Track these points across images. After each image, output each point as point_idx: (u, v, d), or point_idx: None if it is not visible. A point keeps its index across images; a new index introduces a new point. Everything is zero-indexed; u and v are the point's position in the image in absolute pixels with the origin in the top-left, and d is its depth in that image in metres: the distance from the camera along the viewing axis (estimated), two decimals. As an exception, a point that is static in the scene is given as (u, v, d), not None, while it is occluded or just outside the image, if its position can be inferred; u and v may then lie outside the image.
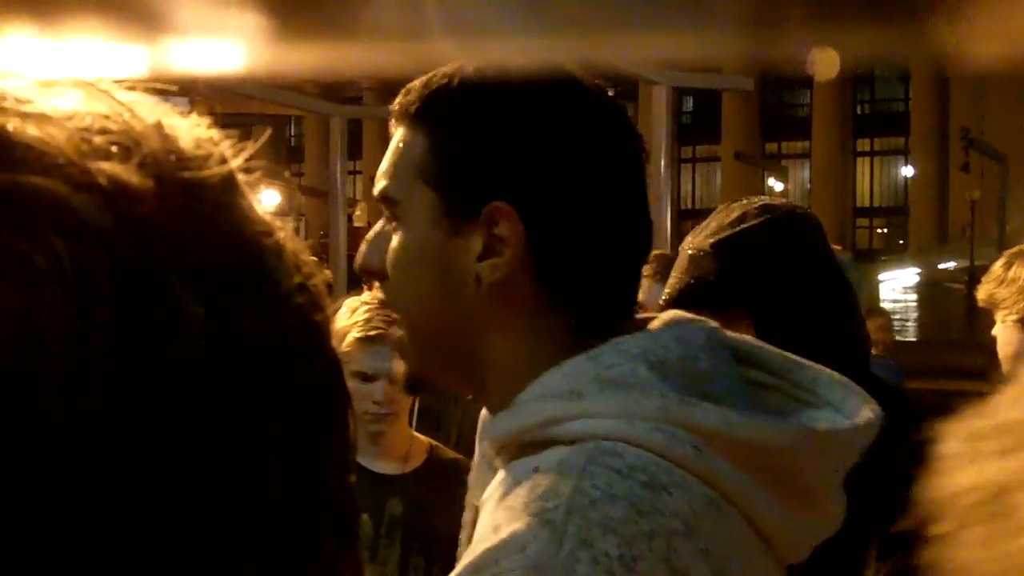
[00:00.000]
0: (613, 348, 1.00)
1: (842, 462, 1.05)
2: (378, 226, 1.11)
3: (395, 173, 1.08)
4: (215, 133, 0.45)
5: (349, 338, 2.52)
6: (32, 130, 0.39)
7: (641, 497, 0.93)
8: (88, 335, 0.37)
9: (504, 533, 0.92)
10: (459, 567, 0.94)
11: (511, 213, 1.02)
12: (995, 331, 2.51)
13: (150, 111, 0.43)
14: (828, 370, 1.10)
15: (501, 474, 1.01)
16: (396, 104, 1.09)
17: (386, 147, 1.10)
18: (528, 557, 0.89)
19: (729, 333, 1.10)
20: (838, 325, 1.88)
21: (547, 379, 1.01)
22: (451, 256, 1.05)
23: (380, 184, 1.09)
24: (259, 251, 0.43)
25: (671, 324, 1.06)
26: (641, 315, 1.11)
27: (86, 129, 0.40)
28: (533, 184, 1.03)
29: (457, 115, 1.05)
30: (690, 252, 1.84)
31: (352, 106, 21.54)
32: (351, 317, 2.53)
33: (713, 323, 1.09)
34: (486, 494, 1.01)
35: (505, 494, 0.97)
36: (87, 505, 0.36)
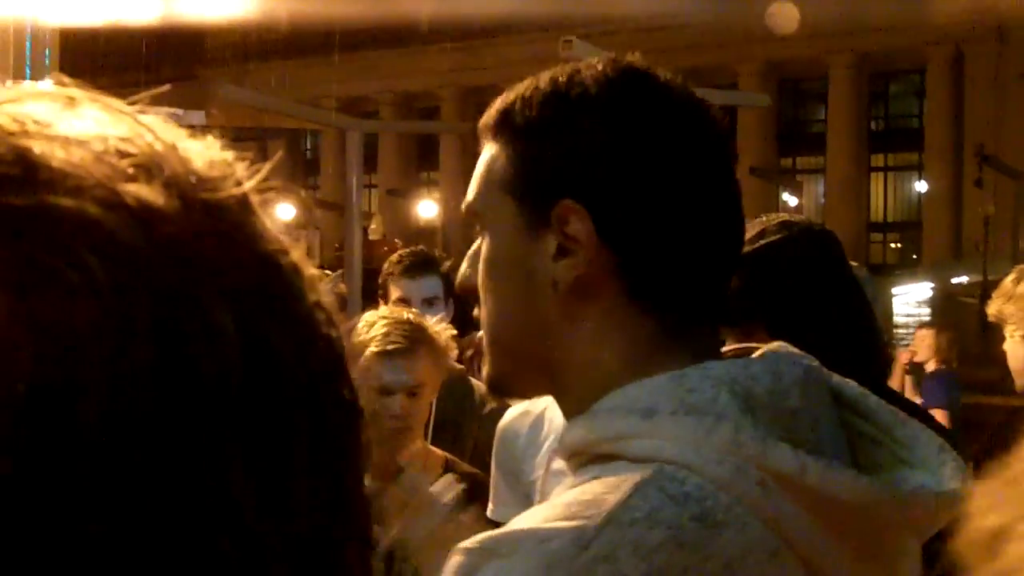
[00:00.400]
0: (700, 371, 0.98)
1: (925, 528, 1.00)
2: (476, 244, 1.13)
3: (478, 186, 1.10)
4: (227, 154, 0.46)
5: (367, 352, 2.53)
6: (59, 152, 0.39)
7: (686, 529, 0.89)
8: (126, 349, 0.37)
9: (538, 522, 0.91)
10: (486, 533, 0.93)
11: (580, 210, 1.02)
12: (1005, 346, 2.53)
13: (166, 132, 0.44)
14: (930, 431, 1.05)
15: (568, 480, 1.01)
16: (480, 122, 1.12)
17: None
18: (546, 551, 0.88)
19: (837, 377, 1.07)
20: (856, 340, 1.89)
21: (627, 392, 0.99)
22: (530, 260, 1.05)
23: (467, 199, 1.11)
24: (279, 269, 0.44)
25: (769, 355, 1.04)
26: (746, 344, 1.09)
27: (110, 151, 0.41)
28: (599, 181, 1.02)
29: (527, 122, 1.06)
30: (708, 267, 1.86)
31: (368, 120, 21.60)
32: (369, 331, 2.54)
33: (815, 361, 1.06)
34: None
35: (560, 494, 0.97)
36: (124, 512, 0.37)
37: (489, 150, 1.10)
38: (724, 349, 1.09)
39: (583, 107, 1.04)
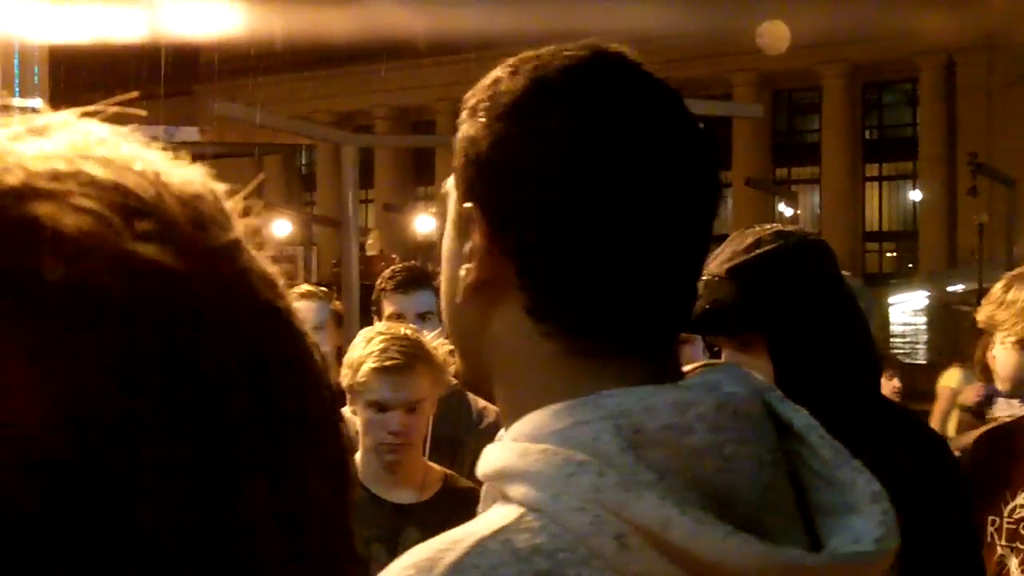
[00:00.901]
0: (592, 402, 0.86)
1: None
2: None
3: (453, 167, 0.99)
4: (216, 184, 0.45)
5: (365, 368, 2.53)
6: (69, 219, 0.39)
7: None
8: (142, 411, 0.38)
9: None
10: None
11: (478, 218, 0.92)
12: (994, 351, 2.54)
13: (163, 172, 0.43)
14: (868, 475, 0.91)
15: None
16: None
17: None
18: None
19: (788, 405, 0.93)
20: (852, 348, 1.90)
21: (523, 423, 0.89)
22: (455, 257, 0.96)
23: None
24: (279, 314, 0.43)
25: (685, 383, 0.90)
26: (700, 363, 0.96)
27: (112, 205, 0.40)
28: (498, 188, 0.92)
29: (469, 107, 0.96)
30: (705, 278, 1.87)
31: (363, 135, 21.61)
32: (367, 347, 2.55)
33: (754, 386, 0.92)
34: None
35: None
36: (147, 550, 0.37)
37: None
38: (687, 368, 0.96)
39: (502, 100, 0.92)
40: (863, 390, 1.94)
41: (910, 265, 40.57)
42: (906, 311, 30.74)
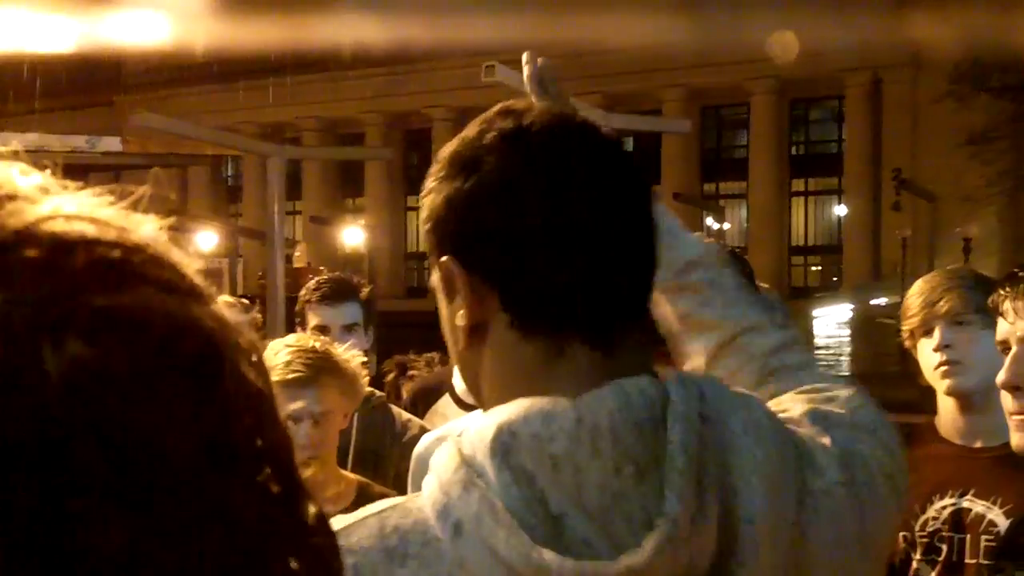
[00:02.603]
0: (500, 408, 0.99)
1: None
2: None
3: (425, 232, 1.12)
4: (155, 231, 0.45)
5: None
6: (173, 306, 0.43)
7: (368, 563, 0.95)
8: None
9: None
10: None
11: (455, 265, 1.04)
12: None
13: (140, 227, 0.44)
14: (665, 497, 0.96)
15: None
16: None
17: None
18: None
19: (672, 420, 0.99)
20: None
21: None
22: (449, 312, 1.08)
23: None
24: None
25: (590, 393, 0.99)
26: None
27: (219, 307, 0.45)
28: (467, 236, 1.04)
29: (431, 176, 1.08)
30: (624, 293, 1.85)
31: (290, 146, 21.45)
32: (272, 360, 2.49)
33: (650, 401, 1.00)
34: None
35: None
36: None
37: None
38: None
39: (445, 161, 1.07)
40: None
41: (835, 278, 41.15)
42: (831, 324, 31.16)
